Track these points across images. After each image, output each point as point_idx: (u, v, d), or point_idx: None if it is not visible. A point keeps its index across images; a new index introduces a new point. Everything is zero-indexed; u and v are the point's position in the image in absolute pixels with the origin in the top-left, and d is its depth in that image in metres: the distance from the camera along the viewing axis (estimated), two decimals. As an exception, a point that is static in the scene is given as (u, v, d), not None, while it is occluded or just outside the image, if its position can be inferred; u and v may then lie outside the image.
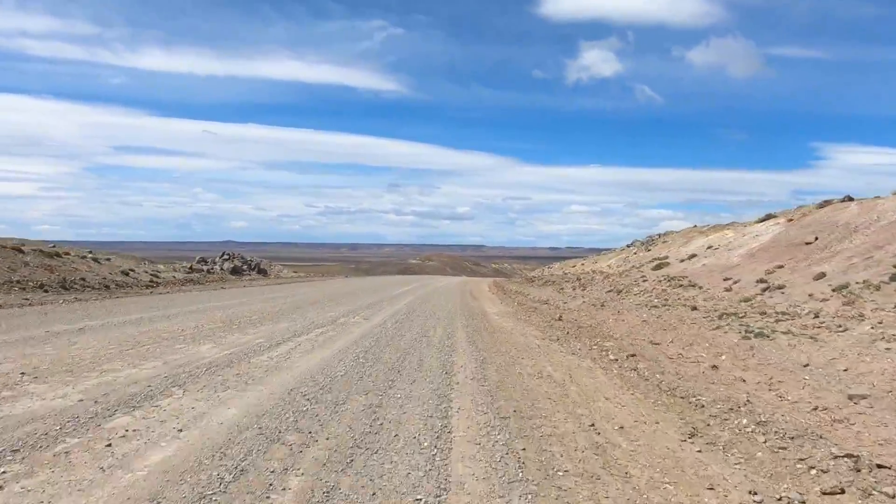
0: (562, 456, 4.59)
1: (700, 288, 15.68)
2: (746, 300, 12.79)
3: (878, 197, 18.08)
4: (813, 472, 4.38)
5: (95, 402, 5.62)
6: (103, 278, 20.85)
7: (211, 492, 3.75)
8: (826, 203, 19.87)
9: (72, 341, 8.89)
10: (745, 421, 5.55)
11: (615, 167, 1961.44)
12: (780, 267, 14.73)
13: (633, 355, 8.82)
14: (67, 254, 22.88)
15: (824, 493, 4.02)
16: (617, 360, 8.57)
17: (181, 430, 4.89)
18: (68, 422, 5.00)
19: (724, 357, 8.49)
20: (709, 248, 22.34)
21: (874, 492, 4.03)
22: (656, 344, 9.82)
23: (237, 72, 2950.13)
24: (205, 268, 33.39)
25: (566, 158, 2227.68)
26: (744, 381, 7.13)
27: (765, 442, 5.01)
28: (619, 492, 3.97)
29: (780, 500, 3.94)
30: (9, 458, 4.21)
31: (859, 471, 4.35)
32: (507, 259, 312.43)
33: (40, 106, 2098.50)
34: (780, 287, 12.96)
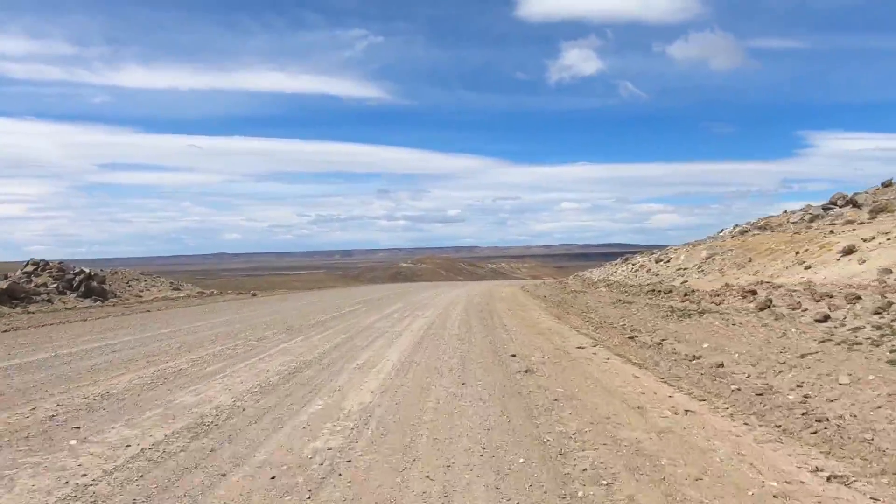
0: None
1: None
2: None
3: None
4: None
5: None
6: None
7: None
8: None
9: None
10: None
11: (603, 164, 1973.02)
12: None
13: None
14: None
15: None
16: None
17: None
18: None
19: None
20: None
21: None
22: None
23: (219, 85, 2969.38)
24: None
25: (554, 157, 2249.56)
26: None
27: None
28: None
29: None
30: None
31: None
32: (503, 259, 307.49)
33: (23, 127, 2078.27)
34: None
